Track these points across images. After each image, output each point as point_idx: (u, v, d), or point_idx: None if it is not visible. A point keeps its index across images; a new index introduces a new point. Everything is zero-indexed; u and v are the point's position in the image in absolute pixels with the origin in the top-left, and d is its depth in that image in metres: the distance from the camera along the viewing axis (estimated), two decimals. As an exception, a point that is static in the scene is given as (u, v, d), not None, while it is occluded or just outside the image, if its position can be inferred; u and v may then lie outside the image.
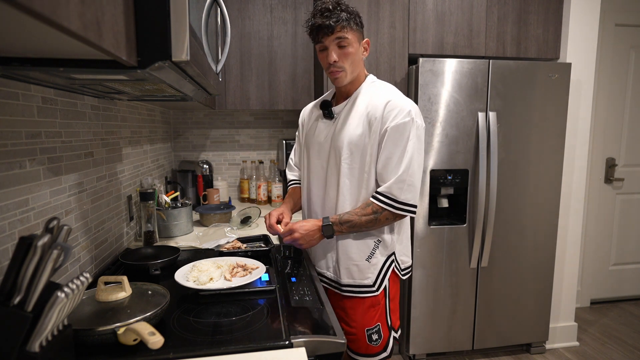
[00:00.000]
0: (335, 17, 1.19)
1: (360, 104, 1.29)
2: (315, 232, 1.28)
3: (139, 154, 1.83)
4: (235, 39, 2.22)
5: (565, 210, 2.39)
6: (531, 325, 2.36)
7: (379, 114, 1.24)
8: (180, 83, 0.94)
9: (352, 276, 1.32)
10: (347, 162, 1.29)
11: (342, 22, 1.20)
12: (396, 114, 1.22)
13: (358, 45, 1.27)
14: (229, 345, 0.85)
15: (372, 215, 1.24)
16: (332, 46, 1.23)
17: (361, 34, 1.28)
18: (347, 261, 1.32)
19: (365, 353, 1.33)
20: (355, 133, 1.27)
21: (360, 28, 1.27)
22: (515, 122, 2.17)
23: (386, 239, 1.32)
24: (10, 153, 0.87)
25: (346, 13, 1.22)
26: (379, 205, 1.24)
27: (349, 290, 1.33)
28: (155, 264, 1.30)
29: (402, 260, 1.38)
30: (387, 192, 1.23)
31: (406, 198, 1.23)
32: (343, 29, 1.21)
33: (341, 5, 1.23)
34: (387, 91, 1.29)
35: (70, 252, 0.70)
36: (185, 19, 0.70)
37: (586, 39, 2.29)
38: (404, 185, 1.22)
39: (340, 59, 1.24)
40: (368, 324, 1.32)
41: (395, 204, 1.23)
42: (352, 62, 1.26)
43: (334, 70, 1.26)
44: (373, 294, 1.32)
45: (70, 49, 0.60)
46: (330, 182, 1.34)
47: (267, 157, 2.72)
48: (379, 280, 1.32)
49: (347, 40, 1.22)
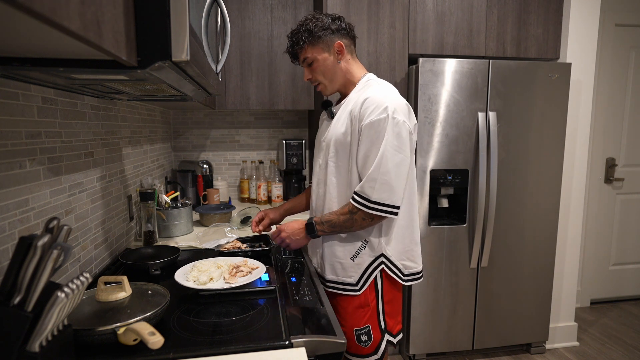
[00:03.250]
0: (295, 42, 1.32)
1: (350, 103, 1.31)
2: (301, 232, 1.32)
3: (139, 154, 1.83)
4: (235, 39, 2.22)
5: (565, 210, 2.39)
6: (531, 325, 2.36)
7: (357, 111, 1.24)
8: (180, 83, 0.94)
9: (335, 273, 1.34)
10: (333, 160, 1.31)
11: (299, 45, 1.31)
12: (372, 111, 1.20)
13: (326, 55, 1.31)
14: (229, 345, 0.85)
15: (348, 215, 1.23)
16: (304, 67, 1.37)
17: (328, 40, 1.30)
18: (332, 258, 1.34)
19: (356, 353, 1.33)
20: (340, 131, 1.29)
21: (325, 37, 1.29)
22: (515, 122, 2.17)
23: (373, 241, 1.30)
24: (10, 153, 0.87)
25: (305, 33, 1.29)
26: (353, 205, 1.23)
27: (332, 287, 1.35)
28: (155, 264, 1.30)
29: (403, 265, 1.34)
30: (360, 191, 1.22)
31: (379, 197, 1.19)
32: (302, 50, 1.32)
33: (302, 26, 1.30)
34: (373, 89, 1.27)
35: (70, 252, 0.70)
36: (185, 19, 0.70)
37: (586, 39, 2.29)
38: (375, 184, 1.19)
39: (312, 75, 1.35)
40: (357, 324, 1.32)
41: (368, 203, 1.20)
42: (324, 73, 1.33)
43: (314, 86, 1.39)
44: (355, 293, 1.32)
45: (71, 49, 0.60)
46: (322, 178, 1.37)
47: (267, 157, 2.72)
48: (362, 279, 1.32)
49: (309, 58, 1.32)
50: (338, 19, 1.32)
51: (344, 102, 1.35)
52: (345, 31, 1.33)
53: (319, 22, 1.29)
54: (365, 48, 2.12)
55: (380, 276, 1.32)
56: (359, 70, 1.36)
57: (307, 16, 1.33)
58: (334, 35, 1.30)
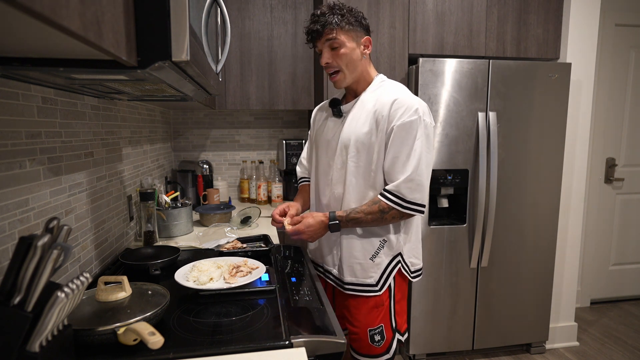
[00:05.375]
0: (324, 21, 1.24)
1: (368, 102, 1.29)
2: (321, 230, 1.29)
3: (139, 154, 1.83)
4: (235, 39, 2.22)
5: (565, 210, 2.39)
6: (531, 325, 2.36)
7: (385, 112, 1.24)
8: (180, 83, 0.94)
9: (355, 274, 1.32)
10: (354, 160, 1.29)
11: (331, 25, 1.24)
12: (403, 112, 1.21)
13: (355, 45, 1.27)
14: (229, 345, 0.85)
15: (379, 214, 1.24)
16: (324, 49, 1.28)
17: (359, 32, 1.28)
18: (351, 259, 1.32)
19: (368, 353, 1.33)
20: (362, 131, 1.27)
21: (356, 27, 1.27)
22: (515, 122, 2.17)
23: (392, 239, 1.31)
24: (10, 153, 0.87)
25: (339, 16, 1.24)
26: (387, 204, 1.23)
27: (351, 289, 1.33)
28: (155, 264, 1.30)
29: (411, 262, 1.36)
30: (395, 191, 1.22)
31: (414, 197, 1.22)
32: (332, 31, 1.24)
33: (334, 9, 1.25)
34: (395, 89, 1.29)
35: (70, 252, 0.70)
36: (185, 19, 0.70)
37: (586, 39, 2.29)
38: (413, 185, 1.21)
39: (333, 59, 1.27)
40: (371, 324, 1.32)
41: (403, 202, 1.22)
42: (349, 62, 1.27)
43: (330, 72, 1.31)
44: (376, 294, 1.31)
45: (71, 49, 0.60)
46: (337, 179, 1.34)
47: (267, 157, 2.72)
48: (382, 279, 1.31)
49: (338, 41, 1.24)
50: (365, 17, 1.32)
51: (356, 100, 1.33)
52: (369, 30, 1.33)
53: (354, 12, 1.27)
54: (365, 48, 2.12)
55: (393, 275, 1.33)
56: (373, 71, 1.37)
57: (335, 2, 1.28)
58: (363, 29, 1.29)
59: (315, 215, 1.29)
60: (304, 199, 1.54)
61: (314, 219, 1.29)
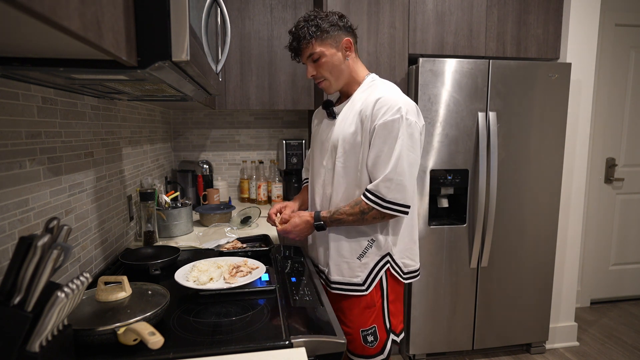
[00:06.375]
0: (298, 36, 1.28)
1: (357, 102, 1.30)
2: (307, 229, 1.33)
3: (139, 154, 1.83)
4: (235, 39, 2.22)
5: (565, 210, 2.39)
6: (531, 325, 2.36)
7: (369, 111, 1.24)
8: (180, 83, 0.94)
9: (342, 273, 1.33)
10: (341, 160, 1.30)
11: (305, 39, 1.27)
12: (385, 111, 1.21)
13: (334, 51, 1.28)
14: (229, 345, 0.85)
15: (359, 215, 1.24)
16: (308, 63, 1.32)
17: (337, 36, 1.28)
18: (338, 258, 1.33)
19: (362, 354, 1.33)
20: (349, 131, 1.28)
21: (333, 32, 1.27)
22: (515, 122, 2.17)
23: (380, 239, 1.31)
24: (10, 153, 0.87)
25: (313, 27, 1.25)
26: (367, 204, 1.23)
27: (338, 288, 1.34)
28: (155, 264, 1.30)
29: (403, 264, 1.35)
30: (375, 191, 1.22)
31: (394, 197, 1.21)
32: (309, 45, 1.27)
33: (308, 21, 1.27)
34: (382, 89, 1.28)
35: (70, 252, 0.70)
36: (185, 19, 0.70)
37: (586, 39, 2.29)
38: (392, 184, 1.20)
39: (317, 71, 1.31)
40: (363, 325, 1.32)
41: (382, 202, 1.22)
42: (332, 69, 1.30)
43: (318, 82, 1.35)
44: (362, 293, 1.32)
45: (71, 49, 0.60)
46: (328, 179, 1.35)
47: (267, 157, 2.72)
48: (369, 279, 1.31)
49: (317, 53, 1.28)
50: (343, 17, 1.32)
51: (347, 101, 1.34)
52: (351, 29, 1.33)
53: (328, 18, 1.28)
54: (365, 48, 2.12)
55: (385, 275, 1.33)
56: (363, 70, 1.37)
57: (309, 13, 1.30)
58: (341, 31, 1.29)
59: (301, 215, 1.33)
60: (304, 198, 1.57)
61: (300, 218, 1.33)
